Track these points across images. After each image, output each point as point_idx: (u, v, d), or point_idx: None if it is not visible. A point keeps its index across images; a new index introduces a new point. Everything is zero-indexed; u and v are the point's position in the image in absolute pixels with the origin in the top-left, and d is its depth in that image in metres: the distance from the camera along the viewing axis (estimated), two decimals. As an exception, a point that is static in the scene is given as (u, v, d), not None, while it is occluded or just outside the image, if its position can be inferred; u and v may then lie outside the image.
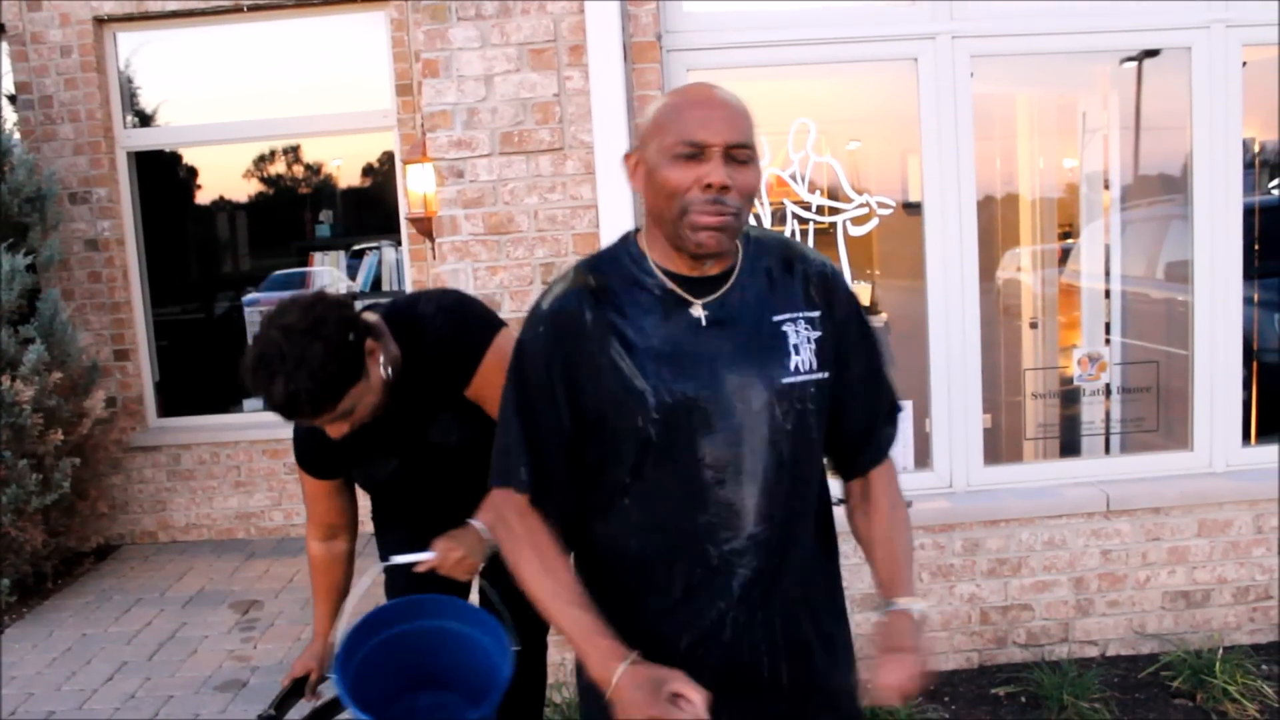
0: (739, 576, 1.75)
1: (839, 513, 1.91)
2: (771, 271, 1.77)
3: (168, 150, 6.58)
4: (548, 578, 1.71)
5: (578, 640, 1.67)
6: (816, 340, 1.75)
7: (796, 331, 1.74)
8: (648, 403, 1.67)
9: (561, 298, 1.74)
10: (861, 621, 3.25)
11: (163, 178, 6.57)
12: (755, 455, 1.71)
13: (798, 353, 1.73)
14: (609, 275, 1.75)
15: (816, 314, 1.77)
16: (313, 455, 2.40)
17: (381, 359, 2.15)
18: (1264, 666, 3.87)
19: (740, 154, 1.64)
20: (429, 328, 2.28)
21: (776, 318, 1.74)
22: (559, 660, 3.57)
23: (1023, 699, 3.76)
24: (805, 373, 1.73)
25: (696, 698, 1.53)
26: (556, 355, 1.71)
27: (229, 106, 6.37)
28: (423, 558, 2.27)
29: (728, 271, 1.75)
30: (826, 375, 1.76)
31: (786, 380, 1.72)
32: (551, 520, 1.76)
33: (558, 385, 1.71)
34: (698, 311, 1.71)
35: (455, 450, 2.33)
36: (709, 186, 1.62)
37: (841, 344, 1.80)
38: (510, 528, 1.76)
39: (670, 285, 1.72)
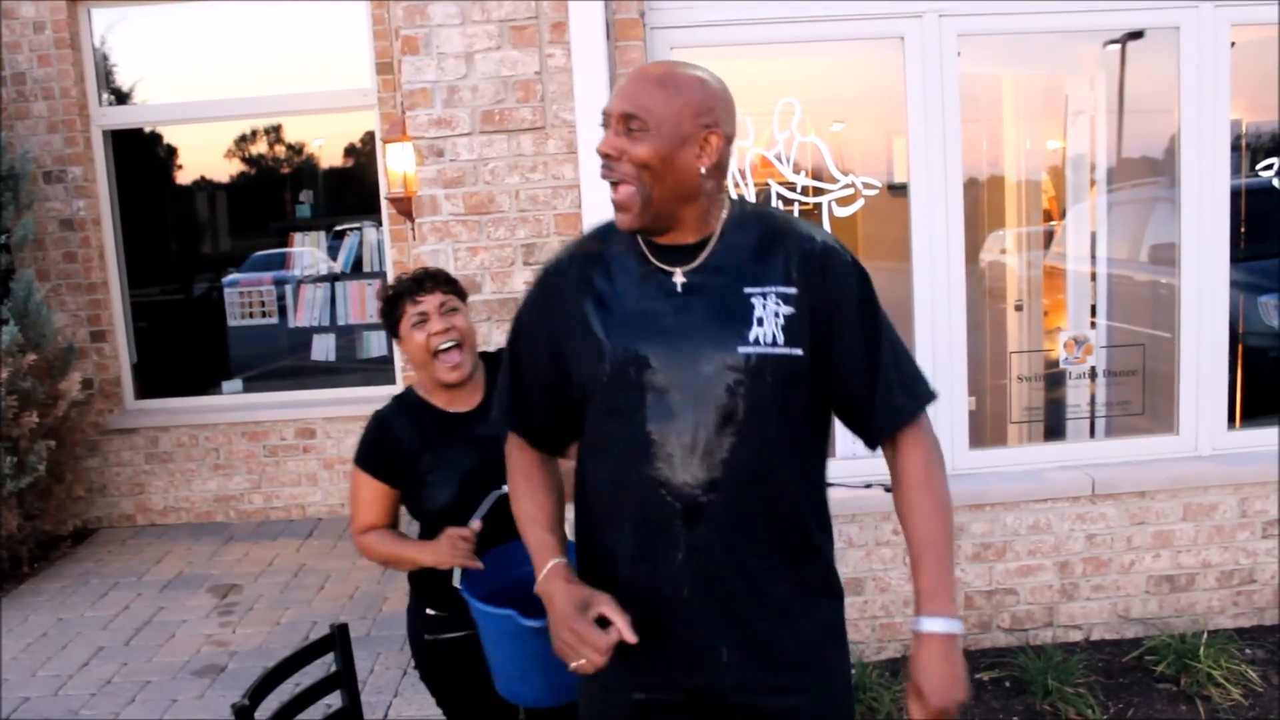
0: (683, 543, 1.78)
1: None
2: (754, 245, 1.80)
3: (146, 129, 6.48)
4: (527, 501, 1.93)
5: (534, 557, 1.86)
6: (786, 316, 1.75)
7: (764, 305, 1.75)
8: (604, 356, 1.78)
9: (558, 257, 1.92)
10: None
11: (140, 157, 6.48)
12: (700, 421, 1.74)
13: (760, 325, 1.74)
14: (609, 242, 1.86)
15: (793, 291, 1.76)
16: (384, 455, 2.50)
17: (469, 318, 2.57)
18: (1248, 651, 3.86)
19: (630, 123, 1.72)
20: None
21: (747, 289, 1.76)
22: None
23: (1007, 684, 3.75)
24: (766, 345, 1.74)
25: (619, 622, 1.68)
26: (544, 308, 1.88)
27: (207, 85, 6.28)
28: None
29: (704, 241, 1.80)
30: (797, 352, 1.75)
31: (742, 350, 1.73)
32: (537, 445, 1.96)
33: (541, 334, 1.88)
34: (678, 278, 1.79)
35: None
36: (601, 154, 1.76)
37: (832, 320, 1.78)
38: (510, 459, 1.99)
39: (646, 253, 1.81)
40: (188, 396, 6.44)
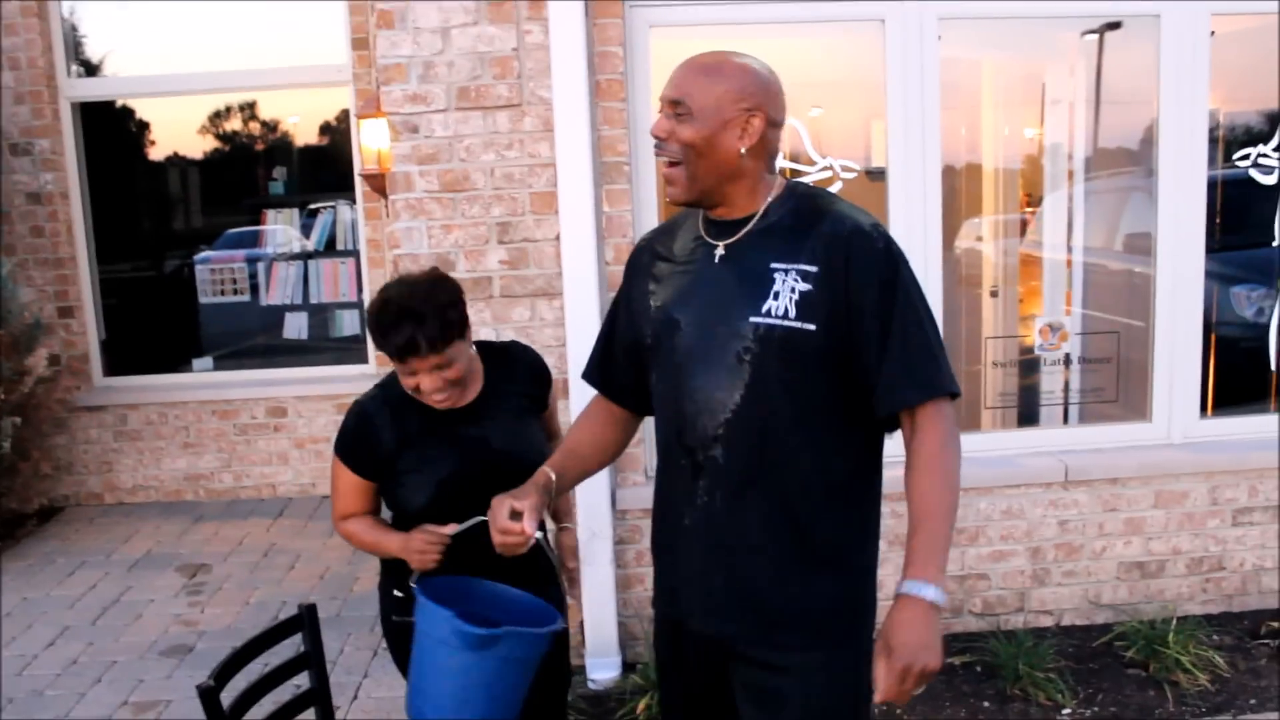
0: (694, 495, 1.95)
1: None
2: (790, 224, 1.91)
3: (117, 103, 6.38)
4: (569, 436, 2.22)
5: None
6: (803, 293, 1.84)
7: (784, 280, 1.85)
8: (652, 321, 2.00)
9: (645, 235, 2.17)
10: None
11: (111, 130, 6.37)
12: (712, 383, 1.89)
13: (775, 298, 1.85)
14: (683, 219, 2.07)
15: (814, 269, 1.84)
16: (363, 451, 2.43)
17: (471, 335, 2.43)
18: (1216, 637, 3.89)
19: (677, 109, 1.88)
20: (517, 349, 2.62)
21: (773, 265, 1.87)
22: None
23: (978, 668, 3.76)
24: (776, 318, 1.84)
25: (526, 518, 1.95)
26: (627, 277, 2.14)
27: (179, 58, 6.18)
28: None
29: (746, 218, 1.93)
30: (809, 327, 1.83)
31: (753, 320, 1.85)
32: (618, 402, 2.18)
33: (623, 300, 2.14)
34: (719, 251, 1.94)
35: (506, 460, 2.39)
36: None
37: (850, 301, 1.83)
38: (587, 405, 2.25)
39: (700, 228, 1.99)
40: (157, 374, 6.36)
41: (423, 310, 2.27)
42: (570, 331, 3.63)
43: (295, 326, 6.45)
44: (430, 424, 2.40)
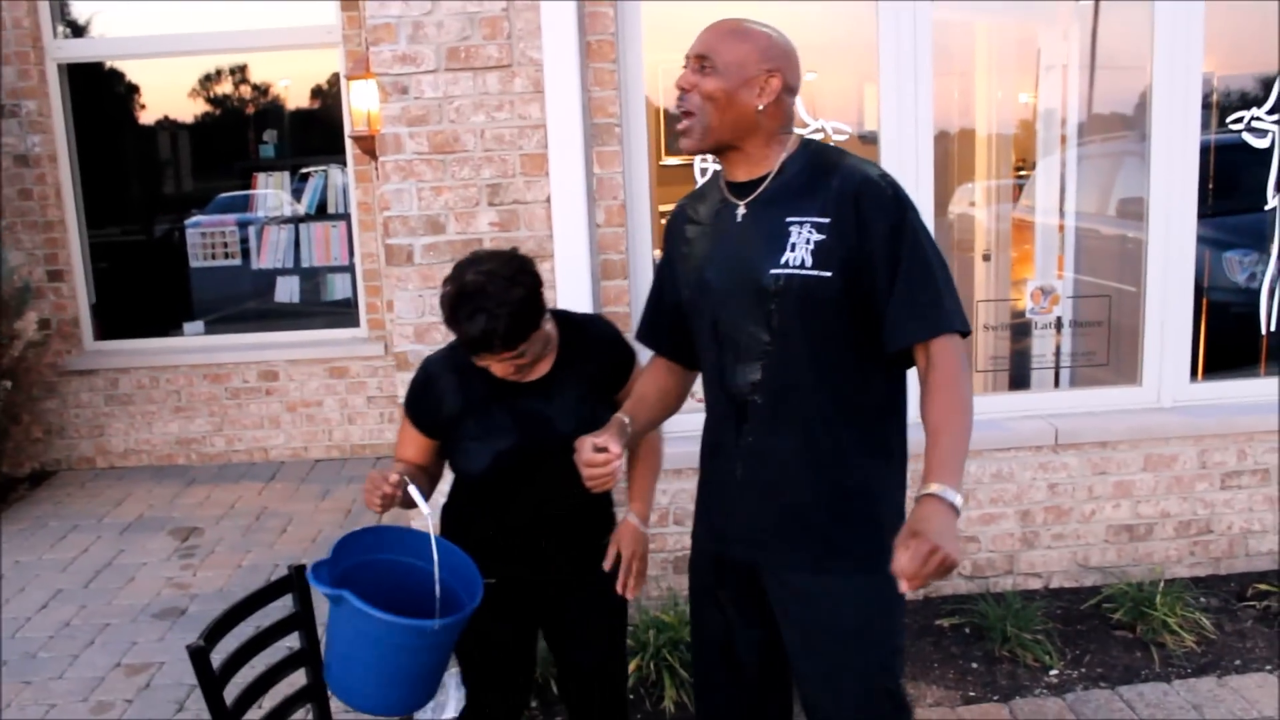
0: (737, 436, 2.11)
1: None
2: (804, 180, 2.04)
3: (105, 65, 6.32)
4: (635, 387, 2.36)
5: None
6: (817, 243, 1.98)
7: (799, 233, 1.99)
8: (688, 280, 2.18)
9: (680, 201, 2.30)
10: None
11: (99, 93, 6.32)
12: (745, 333, 2.05)
13: (792, 250, 1.99)
14: (711, 184, 2.21)
15: (826, 220, 1.98)
16: (425, 410, 2.47)
17: (547, 317, 2.40)
18: (1203, 599, 3.92)
19: (703, 63, 2.03)
20: (596, 327, 2.58)
21: (789, 219, 2.01)
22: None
23: (966, 630, 3.79)
24: (794, 268, 1.98)
25: (612, 448, 2.02)
26: (667, 241, 2.30)
27: (166, 19, 6.12)
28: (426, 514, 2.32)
29: (763, 178, 2.07)
30: (826, 274, 1.97)
31: (773, 272, 2.00)
32: (671, 358, 2.33)
33: (665, 263, 2.30)
34: (740, 210, 2.08)
35: (566, 442, 2.32)
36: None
37: (862, 246, 1.96)
38: (648, 362, 2.41)
39: (723, 190, 2.14)
40: (148, 338, 6.35)
41: (499, 309, 2.21)
42: (561, 294, 3.62)
43: (287, 290, 6.43)
44: (496, 392, 2.38)
